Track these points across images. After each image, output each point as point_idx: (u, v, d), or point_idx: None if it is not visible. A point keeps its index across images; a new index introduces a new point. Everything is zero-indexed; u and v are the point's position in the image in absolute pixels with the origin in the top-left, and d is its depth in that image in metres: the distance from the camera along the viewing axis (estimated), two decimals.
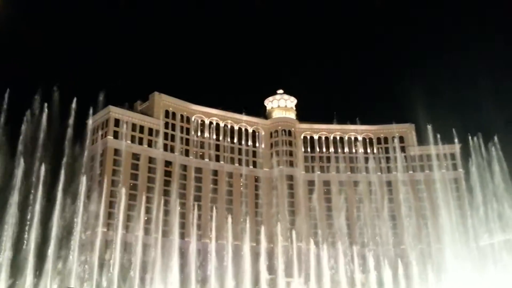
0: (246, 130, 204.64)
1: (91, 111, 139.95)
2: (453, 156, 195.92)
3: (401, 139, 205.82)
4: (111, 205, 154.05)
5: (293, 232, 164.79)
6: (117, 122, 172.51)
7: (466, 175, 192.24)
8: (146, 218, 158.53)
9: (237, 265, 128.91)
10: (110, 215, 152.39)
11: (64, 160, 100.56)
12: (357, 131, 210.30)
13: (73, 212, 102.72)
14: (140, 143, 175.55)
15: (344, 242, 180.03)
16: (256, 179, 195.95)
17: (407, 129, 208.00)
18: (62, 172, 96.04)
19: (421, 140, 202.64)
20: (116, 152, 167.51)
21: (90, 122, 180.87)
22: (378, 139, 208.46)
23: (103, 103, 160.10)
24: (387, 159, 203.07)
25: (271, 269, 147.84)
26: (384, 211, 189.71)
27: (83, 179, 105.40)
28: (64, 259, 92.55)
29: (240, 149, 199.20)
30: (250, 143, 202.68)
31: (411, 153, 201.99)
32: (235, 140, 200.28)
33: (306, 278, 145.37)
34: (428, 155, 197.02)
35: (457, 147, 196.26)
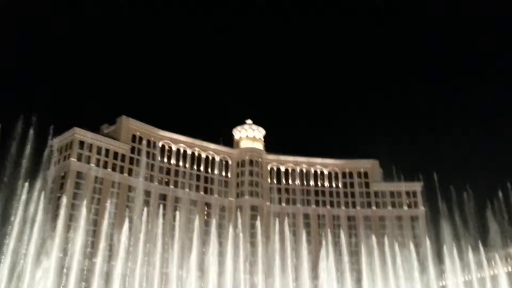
0: (213, 158, 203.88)
1: (51, 131, 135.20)
2: (414, 194, 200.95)
3: (365, 175, 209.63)
4: (69, 229, 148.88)
5: (255, 264, 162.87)
6: (81, 145, 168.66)
7: (427, 213, 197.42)
8: (104, 245, 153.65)
9: None
10: (66, 240, 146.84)
11: (22, 181, 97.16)
12: (323, 164, 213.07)
13: (29, 235, 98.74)
14: (105, 167, 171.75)
15: (304, 274, 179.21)
16: (221, 209, 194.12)
17: (372, 165, 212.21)
18: (22, 192, 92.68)
19: (385, 176, 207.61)
20: (79, 175, 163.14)
21: (52, 142, 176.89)
22: (343, 174, 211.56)
23: (68, 125, 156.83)
24: (352, 194, 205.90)
25: None
26: (343, 246, 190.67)
27: (41, 201, 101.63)
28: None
29: (206, 177, 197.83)
30: (216, 171, 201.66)
31: (374, 189, 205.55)
32: (201, 168, 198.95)
33: None
34: (390, 191, 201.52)
35: (418, 185, 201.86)
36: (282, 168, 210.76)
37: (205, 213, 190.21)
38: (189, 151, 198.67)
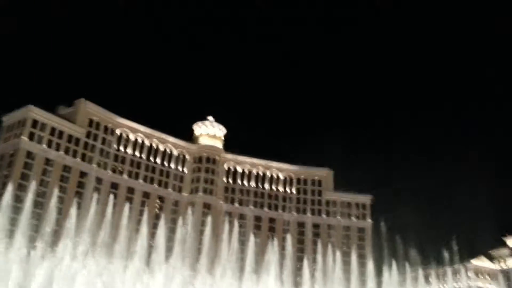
0: (171, 151, 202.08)
1: None
2: (364, 206, 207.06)
3: (319, 183, 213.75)
4: (14, 211, 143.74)
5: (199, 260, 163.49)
6: (35, 124, 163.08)
7: (374, 225, 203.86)
8: (50, 230, 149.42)
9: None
10: (12, 222, 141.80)
11: None
12: (279, 169, 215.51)
13: None
14: (57, 149, 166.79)
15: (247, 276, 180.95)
16: (174, 203, 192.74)
17: (326, 174, 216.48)
18: None
19: (337, 186, 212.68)
20: (29, 154, 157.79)
21: (4, 119, 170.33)
22: (298, 180, 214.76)
23: (23, 103, 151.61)
24: (304, 200, 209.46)
25: None
26: (289, 250, 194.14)
27: None
28: None
29: (161, 170, 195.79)
30: (172, 165, 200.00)
31: (327, 198, 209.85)
32: (158, 160, 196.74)
33: None
34: (341, 201, 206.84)
35: (368, 198, 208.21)
36: (239, 169, 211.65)
37: (157, 206, 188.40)
38: (146, 142, 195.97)
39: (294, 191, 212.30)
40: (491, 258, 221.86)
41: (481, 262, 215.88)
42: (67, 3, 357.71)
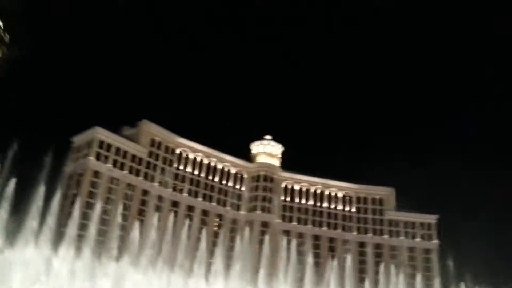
0: (229, 170, 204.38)
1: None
2: (429, 226, 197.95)
3: (380, 202, 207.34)
4: (81, 227, 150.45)
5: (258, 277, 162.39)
6: (101, 144, 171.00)
7: (440, 247, 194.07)
8: (117, 245, 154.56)
9: None
10: (78, 238, 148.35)
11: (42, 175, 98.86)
12: (338, 187, 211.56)
13: (40, 232, 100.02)
14: (121, 168, 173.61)
15: None
16: (232, 221, 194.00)
17: (388, 193, 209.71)
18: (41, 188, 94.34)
19: (400, 205, 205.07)
20: (96, 174, 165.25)
21: (73, 140, 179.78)
22: (358, 199, 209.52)
23: (89, 124, 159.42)
24: (364, 219, 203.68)
25: None
26: (354, 271, 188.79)
27: (57, 197, 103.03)
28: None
29: (220, 189, 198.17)
30: (230, 183, 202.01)
31: (389, 217, 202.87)
32: (216, 179, 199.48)
33: None
34: (405, 221, 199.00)
35: (433, 218, 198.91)
36: (296, 187, 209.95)
37: (216, 224, 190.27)
38: (205, 161, 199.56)
39: (354, 209, 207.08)
40: None
41: None
42: (135, 23, 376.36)
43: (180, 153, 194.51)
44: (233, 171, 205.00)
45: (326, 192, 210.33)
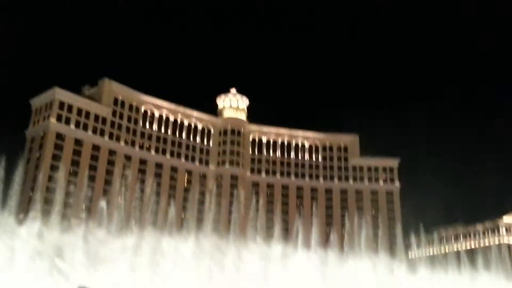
0: (196, 126, 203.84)
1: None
2: (391, 170, 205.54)
3: (345, 149, 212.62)
4: (48, 190, 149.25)
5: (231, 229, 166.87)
6: (62, 105, 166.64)
7: (402, 189, 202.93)
8: (84, 207, 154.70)
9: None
10: (46, 201, 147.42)
11: None
12: (304, 137, 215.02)
13: (6, 195, 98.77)
14: (85, 129, 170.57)
15: (279, 243, 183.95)
16: (201, 176, 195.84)
17: (352, 140, 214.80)
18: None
19: (364, 151, 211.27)
20: (58, 136, 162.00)
21: (32, 102, 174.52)
22: (324, 147, 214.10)
23: (48, 84, 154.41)
24: (330, 167, 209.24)
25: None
26: (321, 217, 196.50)
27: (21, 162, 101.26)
28: None
29: (187, 145, 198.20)
30: (198, 139, 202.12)
31: (353, 164, 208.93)
32: (183, 135, 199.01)
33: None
34: (368, 167, 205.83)
35: (395, 162, 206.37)
36: (264, 139, 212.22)
37: (186, 180, 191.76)
38: (171, 118, 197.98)
39: (320, 158, 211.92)
40: None
41: None
42: None
43: (145, 111, 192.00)
44: (200, 126, 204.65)
45: (293, 143, 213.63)
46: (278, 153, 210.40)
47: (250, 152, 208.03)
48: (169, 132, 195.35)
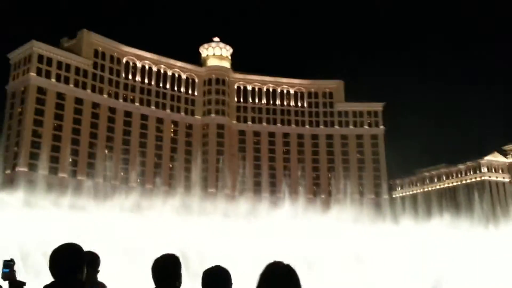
0: (180, 76, 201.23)
1: None
2: (376, 113, 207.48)
3: (330, 95, 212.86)
4: (33, 145, 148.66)
5: (219, 179, 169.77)
6: (41, 59, 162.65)
7: (386, 132, 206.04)
8: (71, 160, 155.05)
9: None
10: (32, 155, 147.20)
11: None
12: (289, 84, 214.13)
13: None
14: (66, 82, 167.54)
15: (267, 191, 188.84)
16: (187, 126, 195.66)
17: (337, 85, 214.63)
18: None
19: (349, 97, 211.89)
20: (40, 90, 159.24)
21: (10, 56, 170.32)
22: (309, 94, 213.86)
23: (25, 38, 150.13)
24: (316, 113, 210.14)
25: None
26: (308, 163, 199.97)
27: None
28: None
29: (172, 95, 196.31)
30: (182, 89, 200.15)
31: (339, 109, 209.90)
32: (167, 86, 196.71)
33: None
34: (353, 111, 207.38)
35: (380, 105, 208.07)
36: (249, 87, 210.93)
37: (172, 130, 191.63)
38: (154, 68, 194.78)
39: (305, 105, 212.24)
40: (504, 154, 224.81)
41: (494, 157, 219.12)
42: None
43: (127, 62, 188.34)
44: (184, 76, 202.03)
45: (278, 90, 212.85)
46: (264, 100, 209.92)
47: (236, 100, 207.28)
48: (153, 83, 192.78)
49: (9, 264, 7.65)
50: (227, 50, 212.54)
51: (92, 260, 8.57)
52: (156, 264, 6.25)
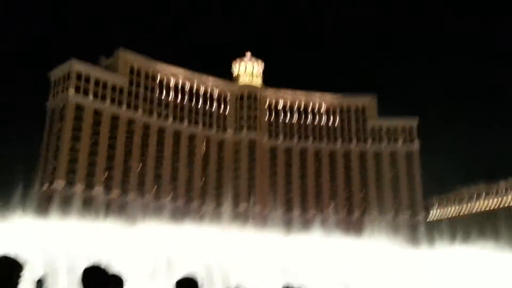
0: (212, 92, 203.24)
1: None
2: (410, 129, 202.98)
3: (363, 110, 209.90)
4: (70, 160, 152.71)
5: (251, 195, 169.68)
6: (79, 77, 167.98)
7: (422, 148, 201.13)
8: (106, 175, 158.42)
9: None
10: (69, 170, 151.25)
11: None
12: (321, 99, 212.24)
13: (33, 165, 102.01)
14: (103, 99, 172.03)
15: (298, 207, 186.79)
16: (219, 143, 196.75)
17: (369, 101, 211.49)
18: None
19: (382, 111, 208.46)
20: (78, 107, 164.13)
21: (50, 74, 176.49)
22: (341, 109, 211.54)
23: (65, 57, 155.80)
24: (348, 129, 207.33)
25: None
26: (341, 181, 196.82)
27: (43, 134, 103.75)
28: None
29: (204, 111, 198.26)
30: (215, 105, 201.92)
31: (371, 125, 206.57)
32: (200, 102, 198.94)
33: None
34: (387, 127, 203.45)
35: (414, 120, 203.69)
36: (281, 102, 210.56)
37: (204, 147, 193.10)
38: (187, 84, 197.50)
39: (337, 121, 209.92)
40: None
41: None
42: None
43: (161, 80, 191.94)
44: (216, 92, 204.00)
45: (310, 105, 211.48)
46: (296, 116, 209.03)
47: (267, 116, 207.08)
48: (186, 99, 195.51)
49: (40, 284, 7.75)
50: (258, 66, 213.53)
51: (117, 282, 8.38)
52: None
